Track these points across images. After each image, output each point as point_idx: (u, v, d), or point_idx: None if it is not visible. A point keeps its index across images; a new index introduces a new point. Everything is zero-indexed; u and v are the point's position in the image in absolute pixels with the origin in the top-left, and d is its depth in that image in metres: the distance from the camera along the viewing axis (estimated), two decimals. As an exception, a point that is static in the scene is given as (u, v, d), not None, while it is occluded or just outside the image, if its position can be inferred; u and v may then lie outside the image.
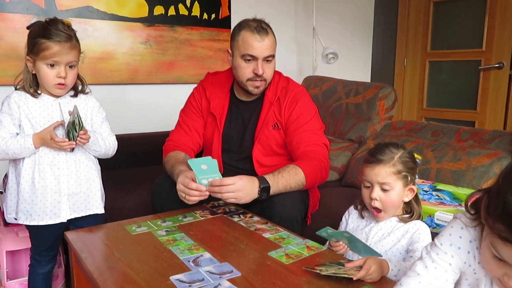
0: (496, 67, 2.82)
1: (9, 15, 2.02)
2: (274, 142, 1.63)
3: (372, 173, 1.20)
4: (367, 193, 1.22)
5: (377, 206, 1.20)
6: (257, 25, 1.54)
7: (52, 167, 1.37)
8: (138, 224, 1.33)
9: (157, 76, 2.52)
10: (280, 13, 2.96)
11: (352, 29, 3.34)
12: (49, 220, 1.38)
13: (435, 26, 3.16)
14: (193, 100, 1.74)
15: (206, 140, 1.72)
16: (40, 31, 1.31)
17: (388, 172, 1.18)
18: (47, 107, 1.38)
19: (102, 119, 1.49)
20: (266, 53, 1.54)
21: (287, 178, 1.43)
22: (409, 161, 1.21)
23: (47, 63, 1.31)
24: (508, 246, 0.63)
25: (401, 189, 1.19)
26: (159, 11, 2.44)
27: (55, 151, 1.37)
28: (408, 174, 1.19)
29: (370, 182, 1.21)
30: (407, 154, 1.22)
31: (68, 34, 1.33)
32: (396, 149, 1.21)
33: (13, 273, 1.70)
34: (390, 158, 1.19)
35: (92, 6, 2.23)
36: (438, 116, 3.10)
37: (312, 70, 3.04)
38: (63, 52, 1.31)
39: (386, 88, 2.29)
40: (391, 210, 1.21)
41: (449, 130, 2.01)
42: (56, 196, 1.37)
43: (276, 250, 1.13)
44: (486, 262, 0.71)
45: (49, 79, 1.33)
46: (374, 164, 1.20)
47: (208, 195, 1.34)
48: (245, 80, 1.59)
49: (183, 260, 1.07)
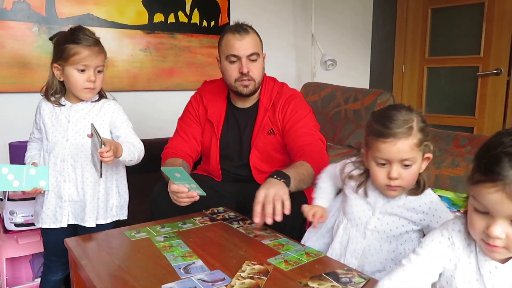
0: (494, 73, 2.84)
1: (10, 23, 2.04)
2: (271, 148, 1.64)
3: (393, 150, 1.00)
4: (383, 172, 1.04)
5: (398, 184, 1.04)
6: (238, 27, 1.57)
7: (55, 173, 1.41)
8: (137, 230, 1.33)
9: (157, 83, 2.53)
10: (279, 20, 2.98)
11: (350, 36, 3.36)
12: (52, 224, 1.43)
13: (433, 32, 3.18)
14: (191, 108, 1.75)
15: (204, 147, 1.73)
16: (68, 37, 1.36)
17: (412, 145, 1.01)
18: (58, 114, 1.42)
19: (123, 122, 1.48)
20: (248, 51, 1.56)
21: (296, 170, 1.38)
22: (425, 126, 1.04)
23: (77, 68, 1.36)
24: (482, 187, 0.71)
25: (420, 160, 1.04)
26: (159, 18, 2.46)
27: (61, 159, 1.41)
28: (428, 143, 1.04)
29: (389, 159, 1.02)
30: (421, 117, 1.05)
31: (95, 39, 1.38)
32: (411, 114, 1.02)
33: (12, 280, 1.70)
34: (409, 128, 1.00)
35: (92, 14, 2.24)
36: (437, 122, 3.11)
37: (311, 76, 3.06)
38: (93, 56, 1.36)
39: (385, 94, 2.30)
40: (410, 185, 1.07)
41: (447, 136, 2.01)
42: (58, 201, 1.42)
43: (275, 257, 1.13)
44: (471, 223, 0.77)
45: (79, 83, 1.37)
46: (393, 139, 1.00)
47: (198, 197, 1.34)
48: (233, 82, 1.60)
49: (174, 267, 1.07)
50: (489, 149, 0.71)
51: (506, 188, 0.68)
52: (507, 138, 0.70)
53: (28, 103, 2.12)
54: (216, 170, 1.70)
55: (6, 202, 1.75)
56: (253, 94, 1.65)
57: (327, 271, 1.04)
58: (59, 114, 1.43)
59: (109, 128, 1.46)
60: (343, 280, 1.00)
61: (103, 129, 1.44)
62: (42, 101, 1.47)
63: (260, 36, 1.64)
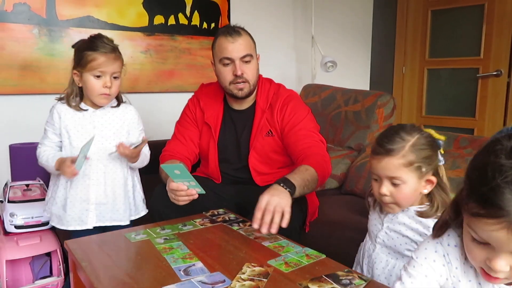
0: (494, 74, 2.84)
1: (11, 25, 2.04)
2: (269, 149, 1.63)
3: (379, 166, 1.03)
4: (376, 187, 1.07)
5: (388, 201, 1.06)
6: (229, 29, 1.57)
7: (84, 177, 1.46)
8: (137, 232, 1.33)
9: (157, 85, 2.53)
10: (279, 22, 2.98)
11: (350, 38, 3.36)
12: (77, 226, 1.48)
13: (433, 34, 3.19)
14: (188, 111, 1.75)
15: (202, 150, 1.73)
16: (87, 44, 1.43)
17: (397, 164, 1.00)
18: (81, 120, 1.47)
19: (139, 132, 1.60)
20: (241, 53, 1.55)
21: (301, 176, 1.36)
22: (425, 148, 1.02)
23: (94, 74, 1.42)
24: (480, 221, 0.63)
25: (416, 181, 1.02)
26: (159, 20, 2.46)
27: (88, 161, 1.46)
28: (422, 165, 1.01)
29: (378, 175, 1.05)
30: (424, 139, 1.03)
31: (112, 46, 1.45)
32: (409, 135, 1.02)
33: (13, 282, 1.70)
34: (400, 147, 1.00)
35: (92, 16, 2.25)
36: (437, 124, 3.11)
37: (311, 78, 3.06)
38: (109, 62, 1.42)
39: (385, 96, 2.31)
40: (405, 204, 1.07)
41: (448, 138, 1.99)
42: (84, 204, 1.47)
43: (275, 259, 1.13)
44: (469, 251, 0.71)
45: (95, 89, 1.43)
46: (381, 156, 1.02)
47: (197, 195, 1.35)
48: (228, 84, 1.60)
49: (174, 269, 1.07)
50: (486, 174, 0.61)
51: (511, 226, 0.59)
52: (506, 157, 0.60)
53: (28, 105, 2.13)
54: (216, 173, 1.70)
55: (6, 204, 1.75)
56: (248, 96, 1.65)
57: (327, 273, 1.04)
58: (83, 119, 1.47)
59: (126, 132, 1.56)
60: (344, 282, 0.99)
61: (123, 131, 1.54)
62: (60, 106, 1.49)
63: (253, 37, 1.63)
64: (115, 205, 1.52)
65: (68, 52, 2.18)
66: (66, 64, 2.19)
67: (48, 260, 1.79)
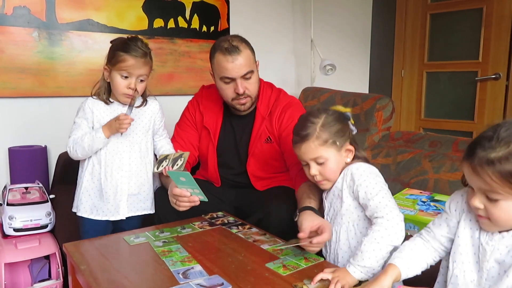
0: (492, 78, 2.85)
1: (11, 28, 2.05)
2: (269, 156, 1.63)
3: (301, 152, 1.17)
4: (307, 170, 1.19)
5: (319, 179, 1.19)
6: (228, 45, 1.50)
7: (117, 169, 1.50)
8: (136, 235, 1.33)
9: (157, 88, 2.52)
10: (278, 25, 2.99)
11: (350, 41, 3.37)
12: (111, 216, 1.52)
13: (432, 37, 3.20)
14: (188, 114, 1.75)
15: (202, 154, 1.73)
16: (121, 45, 1.48)
17: (314, 146, 1.14)
18: (113, 114, 1.50)
19: (162, 124, 1.64)
20: (242, 72, 1.52)
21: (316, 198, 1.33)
22: (334, 123, 1.16)
23: (121, 74, 1.47)
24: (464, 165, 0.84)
25: (336, 154, 1.16)
26: (159, 23, 2.47)
27: (121, 154, 1.50)
28: (336, 139, 1.15)
29: (304, 160, 1.18)
30: (331, 116, 1.17)
31: (145, 51, 1.48)
32: (317, 117, 1.16)
33: (11, 285, 1.70)
34: (312, 131, 1.14)
35: (92, 19, 2.25)
36: (436, 127, 3.12)
37: (310, 81, 3.06)
38: (137, 66, 1.46)
39: (384, 99, 2.31)
40: (334, 177, 1.19)
41: (446, 141, 2.02)
42: (118, 195, 1.51)
43: (273, 262, 1.13)
44: (468, 198, 0.90)
45: (120, 88, 1.48)
46: (299, 143, 1.16)
47: (198, 202, 1.34)
48: (230, 100, 1.60)
49: (173, 272, 1.07)
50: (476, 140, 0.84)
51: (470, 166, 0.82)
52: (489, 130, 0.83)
53: (27, 108, 2.13)
54: (215, 177, 1.70)
55: (5, 207, 1.75)
56: (251, 108, 1.65)
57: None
58: (114, 113, 1.50)
59: (153, 125, 1.60)
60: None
61: (150, 124, 1.58)
62: (91, 102, 1.52)
63: (251, 45, 1.58)
64: (144, 196, 1.56)
65: (67, 55, 2.20)
66: (66, 67, 2.21)
67: (47, 263, 1.79)
